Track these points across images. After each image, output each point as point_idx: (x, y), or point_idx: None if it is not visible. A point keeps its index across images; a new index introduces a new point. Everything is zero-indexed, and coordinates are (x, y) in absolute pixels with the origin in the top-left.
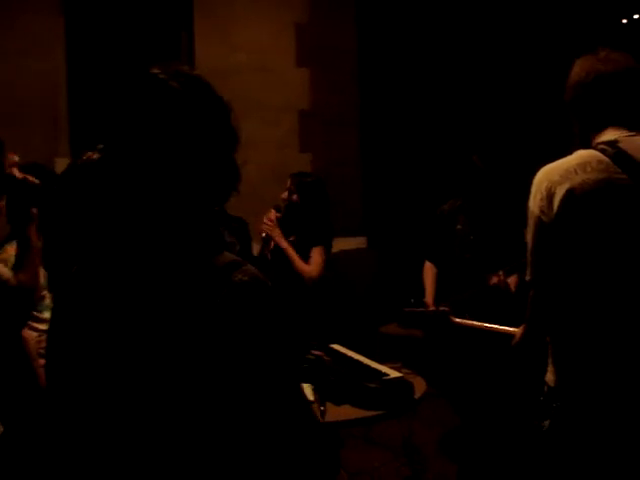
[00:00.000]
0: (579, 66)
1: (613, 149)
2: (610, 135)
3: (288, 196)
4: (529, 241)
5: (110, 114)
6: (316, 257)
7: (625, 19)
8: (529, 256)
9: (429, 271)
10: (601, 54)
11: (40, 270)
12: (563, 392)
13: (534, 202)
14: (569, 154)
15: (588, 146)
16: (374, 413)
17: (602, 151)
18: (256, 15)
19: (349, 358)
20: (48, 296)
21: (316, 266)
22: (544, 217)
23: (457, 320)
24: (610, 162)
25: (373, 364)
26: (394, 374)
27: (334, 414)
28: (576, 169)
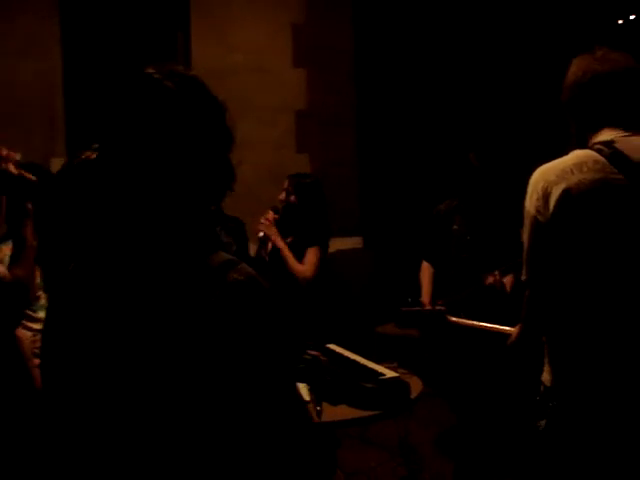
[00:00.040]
0: (576, 66)
1: (609, 149)
2: (606, 135)
3: (285, 197)
4: (525, 241)
5: (105, 114)
6: (310, 257)
7: (621, 20)
8: (525, 256)
9: (426, 271)
10: (598, 54)
11: (36, 269)
12: (559, 392)
13: (530, 202)
14: (565, 154)
15: (584, 146)
16: (370, 413)
17: (598, 151)
18: (252, 15)
19: (345, 358)
20: (43, 296)
21: (310, 266)
22: (540, 217)
23: (453, 319)
24: (606, 162)
25: (369, 364)
26: (390, 374)
27: (330, 414)
28: (572, 169)
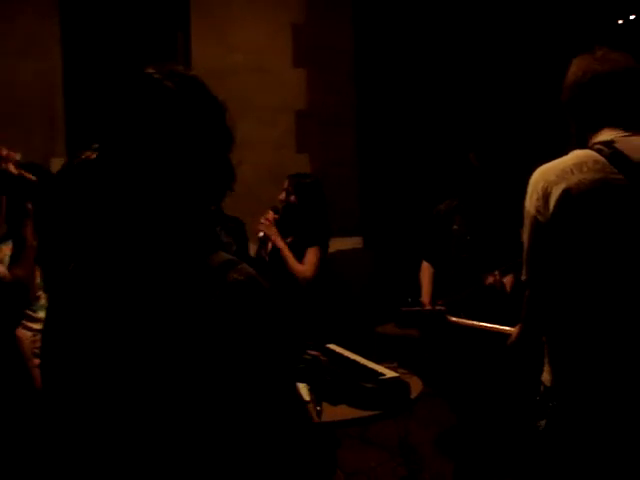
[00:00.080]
0: (576, 66)
1: (609, 149)
2: (606, 135)
3: (286, 197)
4: (525, 241)
5: (105, 114)
6: (310, 257)
7: (621, 20)
8: (525, 256)
9: (426, 271)
10: (598, 53)
11: (36, 269)
12: (559, 392)
13: (530, 202)
14: (565, 154)
15: (584, 146)
16: (370, 413)
17: (598, 151)
18: (253, 16)
19: (345, 358)
20: (43, 296)
21: (310, 266)
22: (540, 217)
23: (453, 319)
24: (606, 162)
25: (369, 364)
26: (390, 374)
27: (330, 414)
28: (572, 169)
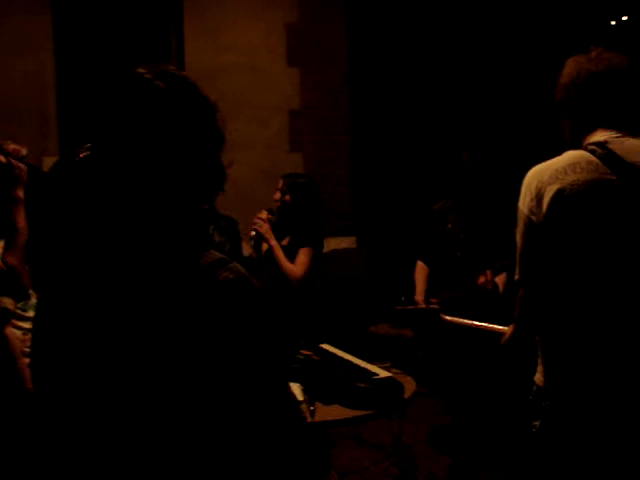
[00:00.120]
0: (570, 66)
1: (603, 150)
2: (600, 136)
3: (280, 197)
4: (518, 241)
5: (96, 114)
6: (302, 257)
7: (614, 21)
8: (518, 256)
9: (421, 270)
10: (592, 54)
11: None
12: (552, 392)
13: (524, 202)
14: (559, 154)
15: (578, 146)
16: (364, 413)
17: (592, 152)
18: (246, 15)
19: (339, 358)
20: (34, 295)
21: (301, 266)
22: (533, 217)
23: (447, 318)
24: (600, 163)
25: (363, 364)
26: (384, 374)
27: (324, 414)
28: (566, 169)
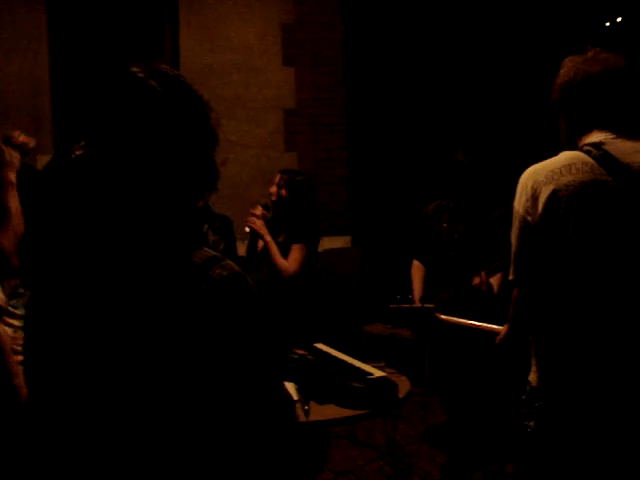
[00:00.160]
0: (567, 66)
1: (598, 151)
2: (596, 137)
3: (277, 191)
4: (513, 241)
5: (90, 112)
6: (295, 254)
7: (608, 22)
8: (513, 256)
9: (417, 270)
10: (589, 54)
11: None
12: (545, 392)
13: (519, 202)
14: (555, 155)
15: (574, 147)
16: (358, 412)
17: (587, 153)
18: (242, 14)
19: (333, 357)
20: (25, 293)
21: (293, 262)
22: (529, 217)
23: (443, 317)
24: (595, 164)
25: (357, 363)
26: (378, 373)
27: (318, 413)
28: (561, 170)
